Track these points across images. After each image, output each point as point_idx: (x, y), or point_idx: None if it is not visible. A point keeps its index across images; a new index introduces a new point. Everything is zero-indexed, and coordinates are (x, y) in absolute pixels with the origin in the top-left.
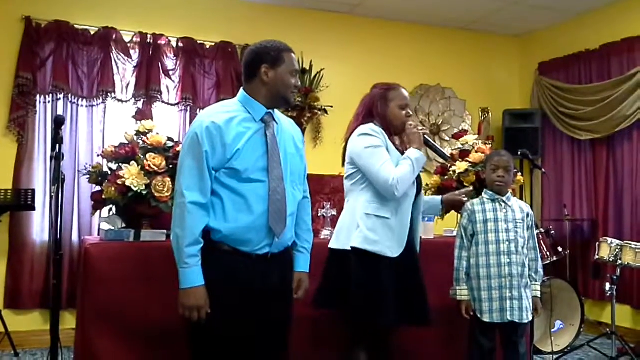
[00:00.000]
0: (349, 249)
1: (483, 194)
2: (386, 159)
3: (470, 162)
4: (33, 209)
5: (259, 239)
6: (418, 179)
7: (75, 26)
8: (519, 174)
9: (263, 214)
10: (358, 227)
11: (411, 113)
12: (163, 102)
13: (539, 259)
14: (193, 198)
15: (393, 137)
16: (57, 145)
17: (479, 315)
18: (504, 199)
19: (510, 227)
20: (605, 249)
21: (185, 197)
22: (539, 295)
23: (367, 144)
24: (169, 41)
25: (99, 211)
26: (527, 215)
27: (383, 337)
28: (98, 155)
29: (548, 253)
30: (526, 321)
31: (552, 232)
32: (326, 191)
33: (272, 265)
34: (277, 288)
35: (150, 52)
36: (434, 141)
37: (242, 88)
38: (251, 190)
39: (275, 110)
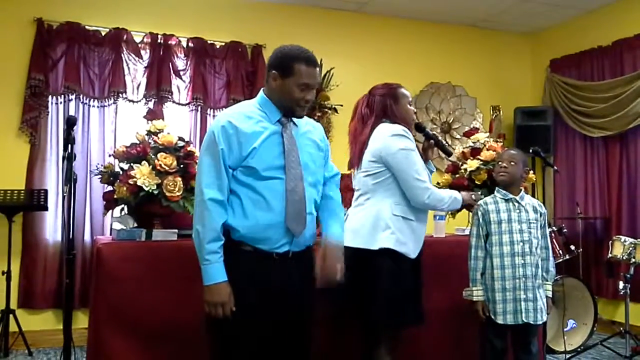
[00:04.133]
0: (375, 249)
1: (495, 192)
2: (420, 164)
3: (481, 160)
4: (46, 209)
5: (277, 237)
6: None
7: (87, 27)
8: (531, 171)
9: (281, 211)
10: (389, 228)
11: (415, 109)
12: (174, 102)
13: (550, 258)
14: (211, 195)
15: None
16: (69, 145)
17: (492, 317)
18: (517, 198)
19: (524, 227)
20: (619, 247)
21: (204, 194)
22: (550, 295)
23: (403, 146)
24: (180, 41)
25: (110, 211)
26: (541, 214)
27: (398, 338)
28: (109, 155)
29: (560, 251)
30: (540, 322)
31: (565, 230)
32: None
33: (293, 265)
34: (298, 288)
35: (161, 53)
36: (444, 140)
37: (262, 88)
38: (269, 188)
39: None
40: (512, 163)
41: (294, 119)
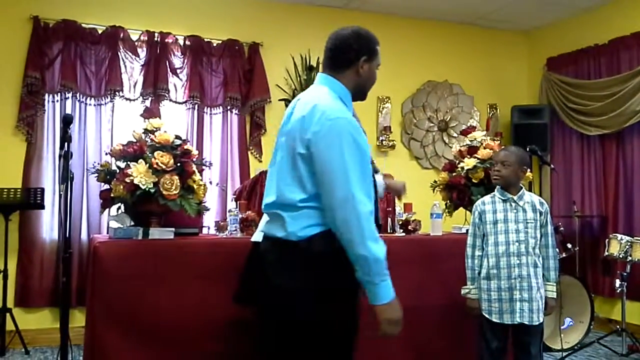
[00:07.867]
0: None
1: (495, 191)
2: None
3: (478, 159)
4: (42, 207)
5: None
6: None
7: (83, 25)
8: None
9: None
10: None
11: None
12: (171, 100)
13: (553, 258)
14: (370, 207)
15: None
16: (66, 144)
17: (487, 316)
18: (515, 198)
19: (521, 227)
20: (615, 245)
21: (367, 206)
22: (553, 296)
23: None
24: (176, 39)
25: (107, 209)
26: (541, 213)
27: None
28: (106, 154)
29: (557, 250)
30: (537, 323)
31: (561, 228)
32: None
33: None
34: None
35: (158, 51)
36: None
37: (334, 78)
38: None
39: None
40: (505, 165)
41: None
